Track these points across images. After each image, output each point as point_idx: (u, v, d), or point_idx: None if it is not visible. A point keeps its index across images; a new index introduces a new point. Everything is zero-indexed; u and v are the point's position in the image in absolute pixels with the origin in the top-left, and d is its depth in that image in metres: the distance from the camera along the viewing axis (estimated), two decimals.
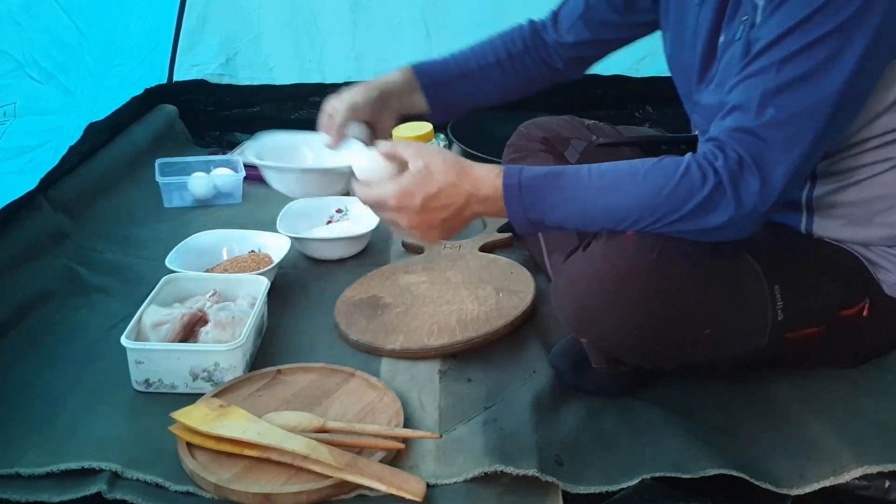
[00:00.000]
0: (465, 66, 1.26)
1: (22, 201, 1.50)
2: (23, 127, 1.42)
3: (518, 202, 0.94)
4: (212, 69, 2.19)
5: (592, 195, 0.93)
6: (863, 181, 1.00)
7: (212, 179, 1.78)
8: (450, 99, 1.27)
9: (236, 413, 1.00)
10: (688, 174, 0.89)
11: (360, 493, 0.92)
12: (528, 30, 1.29)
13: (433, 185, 0.96)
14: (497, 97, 1.31)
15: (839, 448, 0.96)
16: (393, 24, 2.14)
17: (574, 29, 1.25)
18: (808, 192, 1.03)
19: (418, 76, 1.24)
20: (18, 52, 1.38)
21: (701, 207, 0.89)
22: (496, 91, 1.30)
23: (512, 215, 0.95)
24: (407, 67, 1.25)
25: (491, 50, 1.27)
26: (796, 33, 0.87)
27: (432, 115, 1.27)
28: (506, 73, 1.27)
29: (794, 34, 0.87)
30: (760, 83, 0.89)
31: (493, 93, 1.30)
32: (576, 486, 0.92)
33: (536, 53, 1.28)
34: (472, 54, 1.27)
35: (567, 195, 0.94)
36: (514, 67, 1.27)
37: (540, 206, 0.94)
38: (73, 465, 0.94)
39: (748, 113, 0.89)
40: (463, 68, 1.26)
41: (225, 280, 1.29)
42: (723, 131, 0.91)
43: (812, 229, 1.05)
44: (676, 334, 0.95)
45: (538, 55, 1.28)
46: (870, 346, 1.09)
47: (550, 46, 1.27)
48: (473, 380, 1.13)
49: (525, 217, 0.95)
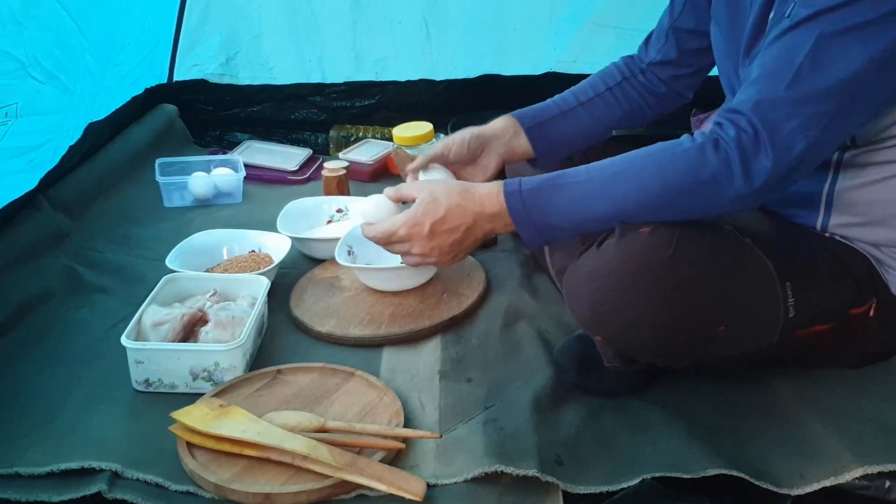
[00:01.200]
0: (565, 104, 1.26)
1: (22, 201, 1.50)
2: (23, 127, 1.42)
3: (522, 209, 0.95)
4: (212, 69, 2.19)
5: (597, 186, 0.94)
6: (886, 180, 0.99)
7: (212, 179, 1.78)
8: (553, 138, 1.26)
9: (236, 413, 1.00)
10: (694, 151, 0.90)
11: (360, 492, 0.92)
12: (623, 61, 1.30)
13: (440, 209, 0.99)
14: (601, 131, 1.29)
15: (839, 448, 0.96)
16: (393, 24, 2.14)
17: (662, 46, 1.26)
18: (829, 186, 1.02)
19: (520, 119, 1.24)
20: (20, 51, 1.39)
21: (708, 184, 0.89)
22: (600, 125, 1.28)
23: (519, 224, 0.96)
24: (508, 115, 1.25)
25: (590, 86, 1.28)
26: (839, 12, 0.86)
27: (537, 158, 1.26)
28: (608, 105, 1.27)
29: (836, 13, 0.86)
30: (788, 56, 0.88)
31: (596, 127, 1.28)
32: (576, 485, 0.92)
33: (636, 81, 1.28)
34: (572, 94, 1.28)
35: (571, 193, 0.94)
36: (615, 98, 1.27)
37: (544, 208, 0.94)
38: (73, 465, 0.94)
39: (772, 84, 0.88)
40: (563, 107, 1.26)
41: (225, 280, 1.29)
42: (743, 102, 0.91)
43: (828, 226, 1.05)
44: (691, 331, 0.96)
45: (637, 82, 1.28)
46: (874, 347, 1.09)
47: (646, 72, 1.28)
48: (473, 380, 1.13)
49: (532, 224, 0.95)
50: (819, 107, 0.88)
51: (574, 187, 0.95)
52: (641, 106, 1.29)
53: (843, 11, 0.86)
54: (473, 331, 1.25)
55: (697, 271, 0.93)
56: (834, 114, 0.88)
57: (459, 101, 2.17)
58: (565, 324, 1.23)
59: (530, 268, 1.43)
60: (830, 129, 0.89)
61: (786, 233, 1.05)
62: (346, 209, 1.62)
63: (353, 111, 2.21)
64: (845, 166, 1.01)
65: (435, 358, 1.18)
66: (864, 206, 1.02)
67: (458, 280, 1.36)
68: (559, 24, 2.13)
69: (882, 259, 1.04)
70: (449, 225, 1.00)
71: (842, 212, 1.03)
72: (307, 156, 2.03)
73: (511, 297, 1.33)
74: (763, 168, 0.88)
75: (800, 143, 0.88)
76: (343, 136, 2.12)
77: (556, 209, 0.95)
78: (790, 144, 0.88)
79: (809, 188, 1.04)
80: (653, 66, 1.28)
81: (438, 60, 2.18)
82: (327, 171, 1.72)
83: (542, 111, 1.26)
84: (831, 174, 1.02)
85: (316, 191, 1.78)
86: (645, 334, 0.96)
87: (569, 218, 0.96)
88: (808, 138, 0.88)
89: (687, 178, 0.91)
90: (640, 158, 0.94)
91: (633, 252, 0.92)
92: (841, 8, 0.86)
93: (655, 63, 1.27)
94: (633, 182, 0.94)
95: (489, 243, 1.51)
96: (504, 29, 2.15)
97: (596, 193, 0.94)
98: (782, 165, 0.89)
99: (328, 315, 1.27)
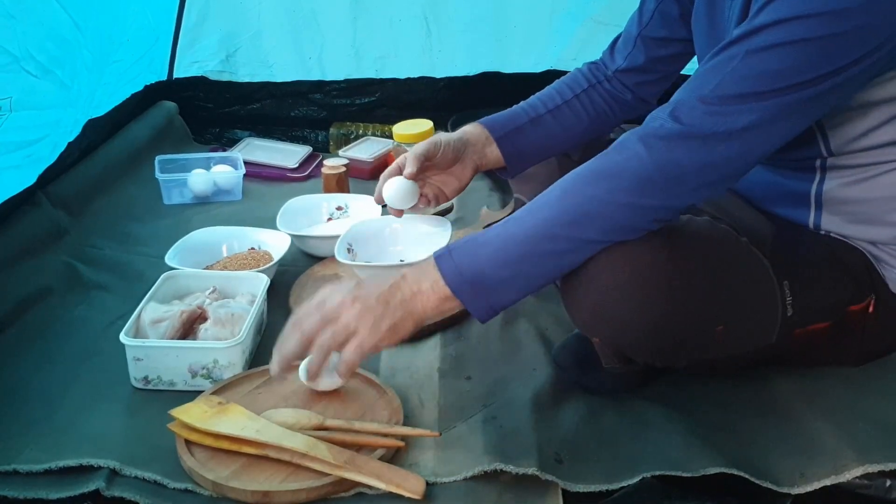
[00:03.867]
0: (533, 111, 1.24)
1: (21, 197, 1.50)
2: (19, 121, 1.42)
3: (448, 258, 0.92)
4: (212, 66, 2.20)
5: (518, 215, 0.93)
6: (872, 178, 0.99)
7: (211, 176, 1.78)
8: (523, 147, 1.24)
9: (235, 410, 1.00)
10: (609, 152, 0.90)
11: (359, 490, 0.92)
12: (588, 68, 1.29)
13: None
14: (572, 139, 1.27)
15: (840, 447, 0.96)
16: (393, 21, 2.14)
17: (630, 53, 1.25)
18: (817, 186, 1.02)
19: (490, 128, 1.22)
20: (13, 45, 1.38)
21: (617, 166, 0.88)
22: (568, 133, 1.27)
23: (446, 273, 0.91)
24: (476, 123, 1.23)
25: (557, 93, 1.27)
26: (781, 27, 0.84)
27: (507, 167, 1.24)
28: (575, 113, 1.26)
29: (776, 28, 0.84)
30: (718, 66, 0.87)
31: (565, 136, 1.27)
32: (575, 484, 0.92)
33: (602, 88, 1.27)
34: (539, 101, 1.26)
35: (493, 231, 0.93)
36: (581, 105, 1.26)
37: (472, 254, 0.91)
38: (72, 462, 0.94)
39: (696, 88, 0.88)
40: (531, 114, 1.24)
41: (224, 277, 1.29)
42: (669, 103, 0.90)
43: (820, 224, 1.05)
44: (689, 332, 0.95)
45: (603, 90, 1.27)
46: (874, 344, 1.09)
47: (612, 79, 1.27)
48: (473, 378, 1.13)
49: (460, 275, 0.91)
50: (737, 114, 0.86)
51: (496, 228, 0.93)
52: (607, 112, 1.27)
53: (769, 31, 0.85)
54: (473, 329, 1.25)
55: (694, 272, 0.93)
56: (757, 124, 0.86)
57: (459, 98, 2.17)
58: (565, 322, 1.23)
59: None
60: (754, 136, 0.87)
61: (783, 231, 1.05)
62: (346, 207, 1.61)
63: (353, 108, 2.21)
64: (830, 168, 1.01)
65: (434, 356, 1.18)
66: (854, 204, 1.02)
67: None
68: (559, 21, 2.13)
69: (879, 256, 1.04)
70: (374, 284, 0.94)
71: (832, 211, 1.03)
72: (307, 153, 2.03)
73: None
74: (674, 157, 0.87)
75: (720, 134, 0.86)
76: (343, 133, 2.12)
77: (484, 251, 0.91)
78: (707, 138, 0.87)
79: (798, 187, 1.04)
80: (619, 73, 1.27)
81: (439, 58, 2.18)
82: (327, 169, 1.72)
83: (511, 119, 1.24)
84: (818, 175, 1.02)
85: (316, 188, 1.78)
86: (642, 336, 0.95)
87: (497, 256, 0.91)
88: (728, 139, 0.86)
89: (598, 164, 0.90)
90: (561, 183, 0.92)
91: (630, 254, 0.92)
92: (770, 27, 0.85)
93: (622, 70, 1.26)
94: (549, 197, 0.92)
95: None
96: (504, 26, 2.15)
97: (516, 218, 0.93)
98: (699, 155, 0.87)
99: None
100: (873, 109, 0.95)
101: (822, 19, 0.82)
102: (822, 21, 0.82)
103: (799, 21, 0.83)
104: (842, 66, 0.84)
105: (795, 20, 0.83)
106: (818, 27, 0.82)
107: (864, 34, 0.83)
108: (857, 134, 0.97)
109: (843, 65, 0.84)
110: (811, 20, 0.82)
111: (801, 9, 0.82)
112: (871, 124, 0.96)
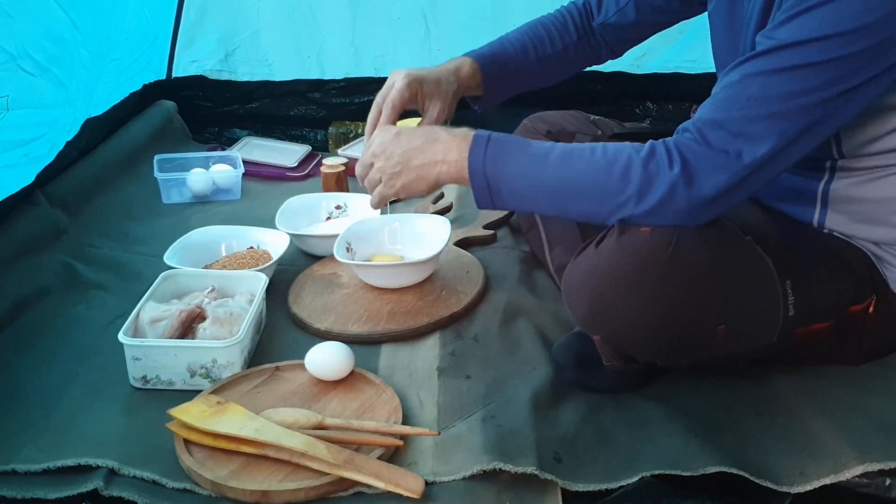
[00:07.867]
0: (525, 58, 1.27)
1: (19, 197, 1.50)
2: (16, 120, 1.42)
3: (482, 150, 0.97)
4: (211, 65, 2.19)
5: (552, 163, 0.95)
6: (880, 179, 0.99)
7: (210, 175, 1.78)
8: (504, 86, 1.28)
9: (234, 410, 0.99)
10: (635, 159, 0.91)
11: (357, 490, 0.91)
12: (578, 13, 1.30)
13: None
14: (549, 82, 1.33)
15: (840, 446, 0.96)
16: (392, 19, 2.14)
17: (621, 9, 1.26)
18: (824, 184, 1.02)
19: (480, 63, 1.24)
20: (10, 44, 1.38)
21: (639, 187, 0.91)
22: (549, 78, 1.32)
23: (472, 165, 0.97)
24: (465, 56, 1.25)
25: (548, 40, 1.28)
26: (801, 48, 0.86)
27: (484, 100, 1.27)
28: (559, 62, 1.29)
29: (797, 49, 0.86)
30: (746, 84, 0.89)
31: (545, 79, 1.32)
32: (575, 483, 0.92)
33: (588, 41, 1.29)
34: (531, 44, 1.28)
35: (532, 151, 0.96)
36: (567, 55, 1.29)
37: (502, 159, 0.96)
38: (70, 462, 0.94)
39: (722, 109, 0.90)
40: (523, 61, 1.26)
41: (223, 276, 1.28)
42: (693, 122, 0.92)
43: (824, 222, 1.04)
44: (691, 330, 0.95)
45: (588, 43, 1.30)
46: (874, 344, 1.09)
47: (597, 32, 1.29)
48: (472, 377, 1.12)
49: (483, 173, 0.97)
50: (768, 128, 0.88)
51: (537, 148, 0.97)
52: (584, 61, 1.32)
53: (792, 51, 0.86)
54: (472, 328, 1.25)
55: (697, 270, 0.92)
56: (781, 146, 0.89)
57: None
58: (564, 320, 1.23)
59: (529, 264, 1.42)
60: (777, 157, 0.90)
61: (786, 230, 1.04)
62: (345, 206, 1.61)
63: (352, 107, 2.21)
64: (840, 168, 1.01)
65: (433, 355, 1.18)
66: (860, 203, 1.02)
67: (457, 277, 1.36)
68: None
69: (882, 256, 1.04)
70: (413, 132, 1.03)
71: (838, 210, 1.03)
72: (306, 152, 2.03)
73: (510, 294, 1.32)
74: (711, 182, 0.90)
75: (747, 155, 0.88)
76: (342, 132, 2.12)
77: (514, 161, 0.96)
78: (708, 177, 0.89)
79: (805, 185, 1.04)
80: (602, 27, 1.28)
81: (438, 56, 2.17)
82: (326, 168, 1.72)
83: (504, 62, 1.26)
84: (827, 174, 1.02)
85: (315, 187, 1.78)
86: (644, 334, 0.95)
87: (520, 177, 0.96)
88: (753, 153, 0.88)
89: (624, 184, 0.92)
90: (601, 147, 0.95)
91: (632, 251, 0.92)
92: (792, 47, 0.86)
93: (607, 23, 1.28)
94: (576, 174, 0.95)
95: (486, 240, 1.51)
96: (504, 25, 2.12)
97: (554, 160, 0.95)
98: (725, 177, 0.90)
99: (327, 312, 1.27)
100: (886, 114, 0.95)
101: (845, 38, 0.84)
102: (846, 40, 0.84)
103: (823, 42, 0.85)
104: (865, 79, 0.86)
105: (819, 41, 0.85)
106: (843, 46, 0.84)
107: (885, 47, 0.85)
108: (869, 137, 0.97)
109: (866, 78, 0.86)
110: (832, 40, 0.84)
111: (824, 29, 0.84)
112: (885, 129, 0.96)
